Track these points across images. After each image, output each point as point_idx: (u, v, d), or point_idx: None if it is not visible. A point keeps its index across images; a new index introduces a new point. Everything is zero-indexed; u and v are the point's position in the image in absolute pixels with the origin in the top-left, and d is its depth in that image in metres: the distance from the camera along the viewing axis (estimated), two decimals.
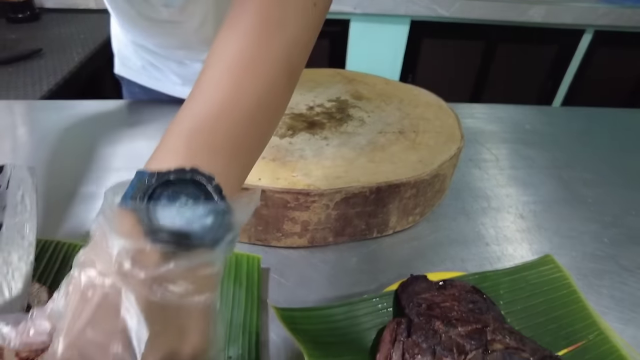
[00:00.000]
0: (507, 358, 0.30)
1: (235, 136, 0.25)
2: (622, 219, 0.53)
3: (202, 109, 0.25)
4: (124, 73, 0.74)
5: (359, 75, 0.66)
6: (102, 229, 0.21)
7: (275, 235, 0.44)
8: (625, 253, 0.48)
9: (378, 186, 0.42)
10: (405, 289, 0.38)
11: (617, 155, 0.66)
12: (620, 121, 0.79)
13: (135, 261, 0.20)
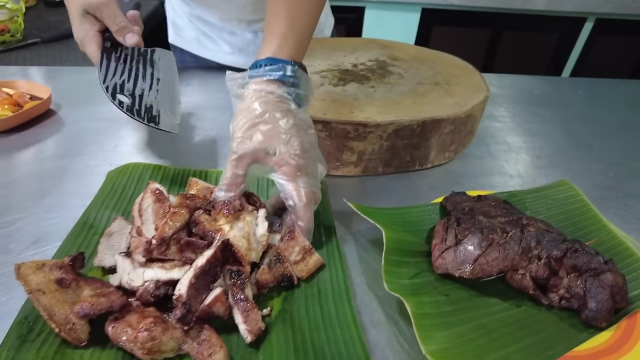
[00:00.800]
0: (540, 236, 0.38)
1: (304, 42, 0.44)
2: (624, 161, 0.61)
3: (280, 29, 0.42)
4: (178, 43, 0.82)
5: (392, 42, 0.74)
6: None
7: (334, 164, 0.53)
8: (629, 184, 0.56)
9: (424, 120, 0.50)
10: (449, 200, 0.46)
11: (619, 114, 0.75)
12: (621, 88, 0.87)
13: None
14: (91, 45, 0.52)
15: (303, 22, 0.44)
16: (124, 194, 0.47)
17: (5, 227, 0.44)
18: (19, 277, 0.32)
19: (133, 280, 0.34)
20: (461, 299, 0.37)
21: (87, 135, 0.60)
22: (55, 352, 0.31)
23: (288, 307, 0.35)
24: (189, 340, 0.31)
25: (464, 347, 0.32)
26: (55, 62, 1.01)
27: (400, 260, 0.39)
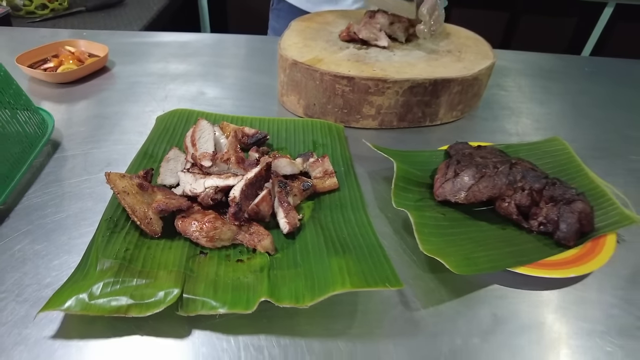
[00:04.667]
0: (525, 171, 0.46)
1: None
2: (620, 129, 0.67)
3: None
4: None
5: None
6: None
7: (354, 117, 0.61)
8: (619, 147, 0.63)
9: (435, 79, 0.58)
10: (452, 147, 0.54)
11: (623, 91, 0.81)
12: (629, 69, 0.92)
13: None
14: None
15: None
16: (175, 132, 0.56)
17: (83, 154, 0.53)
18: (109, 181, 0.41)
19: (195, 189, 0.43)
20: (456, 218, 0.45)
21: (140, 87, 0.69)
22: (137, 240, 0.40)
23: (316, 215, 0.44)
24: (242, 232, 0.40)
25: (454, 249, 0.40)
26: (99, 28, 1.10)
27: (407, 187, 0.47)
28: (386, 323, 0.36)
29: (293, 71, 0.61)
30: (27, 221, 0.44)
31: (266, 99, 0.68)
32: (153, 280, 0.36)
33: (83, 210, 0.45)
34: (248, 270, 0.38)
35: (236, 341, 0.34)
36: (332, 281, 0.35)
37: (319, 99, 0.60)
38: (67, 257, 0.40)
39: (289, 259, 0.39)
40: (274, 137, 0.56)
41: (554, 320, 0.37)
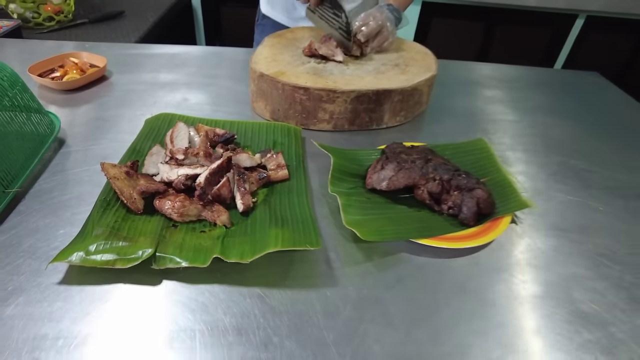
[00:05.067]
0: (437, 165, 0.57)
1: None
2: (547, 133, 0.79)
3: None
4: (271, 14, 1.04)
5: None
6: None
7: (312, 121, 0.72)
8: (543, 146, 0.74)
9: (377, 90, 0.69)
10: (388, 147, 0.65)
11: (559, 100, 0.92)
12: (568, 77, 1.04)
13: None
14: None
15: None
16: (159, 132, 0.67)
17: (84, 150, 0.65)
18: (103, 169, 0.53)
19: (170, 176, 0.54)
20: (378, 202, 0.56)
21: (133, 94, 0.81)
22: (124, 215, 0.51)
23: (268, 199, 0.55)
24: (205, 210, 0.52)
25: (371, 223, 0.52)
26: (100, 39, 1.22)
27: (342, 178, 0.58)
28: (313, 277, 0.47)
29: (260, 82, 0.72)
30: (38, 201, 0.55)
31: (240, 105, 0.79)
32: (134, 243, 0.47)
33: (83, 193, 0.57)
34: (208, 238, 0.49)
35: (196, 288, 0.45)
36: (268, 244, 0.46)
37: (282, 106, 0.72)
38: (70, 229, 0.51)
39: (240, 230, 0.51)
40: (241, 137, 0.68)
41: (446, 280, 0.48)
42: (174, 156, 0.56)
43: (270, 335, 0.41)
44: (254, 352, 0.40)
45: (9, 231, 0.51)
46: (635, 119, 0.87)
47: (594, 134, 0.79)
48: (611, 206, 0.61)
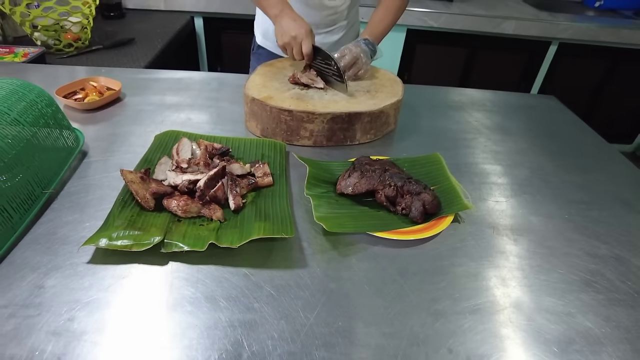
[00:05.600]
0: (393, 174, 0.70)
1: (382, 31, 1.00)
2: (490, 147, 0.92)
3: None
4: (265, 45, 1.17)
5: None
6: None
7: (295, 137, 0.86)
8: (487, 159, 0.87)
9: (349, 113, 0.83)
10: (357, 159, 0.79)
11: (508, 120, 1.06)
12: (525, 100, 1.18)
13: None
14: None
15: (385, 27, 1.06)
16: (167, 146, 0.81)
17: (103, 160, 0.78)
18: (122, 174, 0.66)
19: (176, 181, 0.67)
20: (344, 204, 0.69)
21: (143, 113, 0.95)
22: (138, 211, 0.64)
23: (255, 200, 0.68)
24: (204, 208, 0.64)
25: (337, 219, 0.64)
26: (114, 63, 1.37)
27: (317, 184, 0.71)
28: (289, 260, 0.60)
29: (252, 104, 0.86)
30: (68, 200, 0.68)
31: (235, 124, 0.93)
32: (147, 232, 0.60)
33: (103, 195, 0.70)
34: (206, 230, 0.62)
35: (195, 268, 0.58)
36: (252, 232, 0.59)
37: (270, 125, 0.85)
38: (94, 222, 0.64)
39: (231, 224, 0.63)
40: (235, 150, 0.81)
41: (395, 265, 0.61)
42: (179, 165, 0.69)
43: (252, 302, 0.54)
44: (239, 315, 0.52)
45: (47, 223, 0.63)
46: (578, 138, 1.01)
47: (538, 149, 0.93)
48: (544, 211, 0.74)
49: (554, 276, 0.61)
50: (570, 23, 2.09)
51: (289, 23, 0.91)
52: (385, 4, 1.08)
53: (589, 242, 0.67)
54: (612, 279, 0.61)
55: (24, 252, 0.58)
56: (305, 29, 0.91)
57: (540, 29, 2.09)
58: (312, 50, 0.90)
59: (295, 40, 0.90)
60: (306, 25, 0.91)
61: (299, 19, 0.92)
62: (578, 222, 0.72)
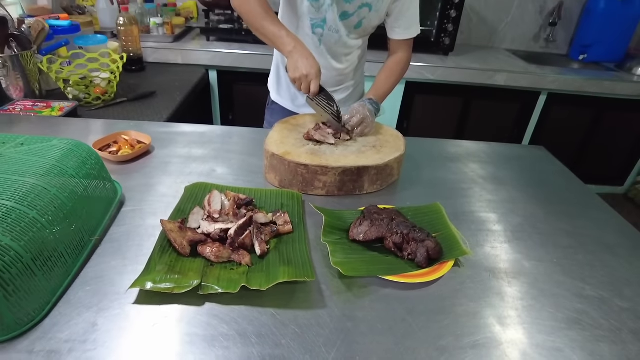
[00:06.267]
0: (400, 223, 0.79)
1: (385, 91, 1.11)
2: (484, 196, 1.02)
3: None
4: (278, 101, 1.30)
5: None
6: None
7: (310, 188, 0.96)
8: (482, 208, 0.97)
9: (358, 167, 0.93)
10: (367, 208, 0.88)
11: (501, 171, 1.16)
12: (515, 151, 1.29)
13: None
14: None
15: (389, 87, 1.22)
16: (197, 197, 0.90)
17: (139, 209, 0.88)
18: (162, 224, 0.75)
19: (209, 230, 0.76)
20: (357, 249, 0.78)
21: (172, 165, 1.05)
22: (176, 257, 0.73)
23: (278, 246, 0.77)
24: (234, 254, 0.73)
25: (351, 264, 0.73)
26: (137, 115, 1.49)
27: (332, 231, 0.80)
28: (310, 301, 0.68)
29: (272, 159, 0.97)
30: (111, 247, 0.77)
31: (255, 175, 1.03)
32: (185, 276, 0.68)
33: (141, 241, 0.78)
34: (236, 274, 0.70)
35: (228, 308, 0.66)
36: (278, 277, 0.67)
37: (288, 177, 0.96)
38: (136, 266, 0.72)
39: (259, 268, 0.72)
40: (258, 200, 0.91)
41: (403, 305, 0.69)
42: (212, 215, 0.79)
43: (280, 339, 0.61)
44: (269, 350, 0.60)
45: (94, 267, 0.72)
46: (565, 186, 1.11)
47: (528, 198, 1.03)
48: (535, 256, 0.82)
49: (544, 315, 0.69)
50: (557, 75, 2.26)
51: (302, 60, 1.01)
52: (389, 67, 1.21)
53: (575, 283, 0.76)
54: (596, 317, 0.69)
55: (77, 293, 0.67)
56: (316, 69, 1.01)
57: (530, 80, 2.25)
58: (319, 89, 1.03)
59: (306, 78, 1.01)
60: (317, 65, 1.02)
61: (311, 57, 1.02)
62: (565, 266, 0.80)
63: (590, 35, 2.58)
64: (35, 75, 1.46)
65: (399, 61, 1.25)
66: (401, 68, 1.24)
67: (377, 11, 1.17)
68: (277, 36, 1.05)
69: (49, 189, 0.69)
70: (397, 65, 1.23)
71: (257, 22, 1.07)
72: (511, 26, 2.73)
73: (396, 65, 1.23)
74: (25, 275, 0.60)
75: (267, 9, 1.08)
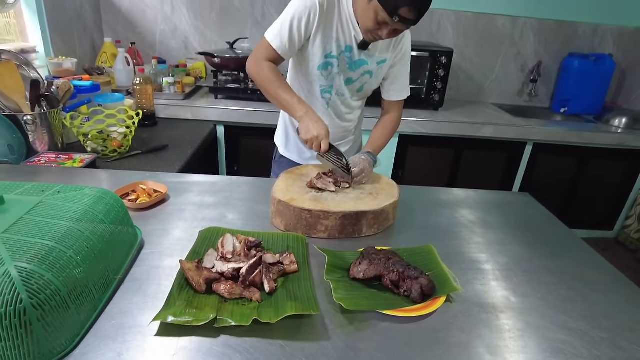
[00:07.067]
0: (395, 262, 0.88)
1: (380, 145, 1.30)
2: (472, 239, 1.11)
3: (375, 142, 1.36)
4: (285, 154, 1.42)
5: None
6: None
7: (313, 231, 1.04)
8: (470, 249, 1.05)
9: (357, 212, 1.03)
10: (365, 249, 0.96)
11: (490, 215, 1.26)
12: (501, 198, 1.39)
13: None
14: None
15: (384, 141, 1.37)
16: (210, 240, 0.99)
17: (158, 252, 0.96)
18: (181, 264, 0.83)
19: (223, 269, 0.84)
20: (358, 286, 0.86)
21: (186, 212, 1.14)
22: (193, 294, 0.80)
23: (285, 284, 0.85)
24: (245, 291, 0.80)
25: (352, 300, 0.80)
26: (151, 167, 1.60)
27: (334, 270, 0.88)
28: (315, 334, 0.74)
29: (278, 205, 1.06)
30: (132, 285, 0.84)
31: (263, 220, 1.12)
32: (202, 311, 0.75)
33: (160, 281, 0.86)
34: (248, 309, 0.77)
35: (241, 339, 0.72)
36: (286, 310, 0.74)
37: (293, 221, 1.05)
38: (155, 302, 0.79)
39: (268, 304, 0.79)
40: (266, 243, 0.99)
41: (400, 337, 0.75)
42: (225, 256, 0.87)
43: None
44: None
45: (118, 303, 0.79)
46: (549, 229, 1.20)
47: (514, 240, 1.11)
48: (521, 292, 0.90)
49: (531, 345, 0.75)
50: (540, 127, 2.42)
51: (312, 124, 1.15)
52: (384, 125, 1.38)
53: (559, 316, 0.83)
54: (578, 347, 0.75)
55: (104, 326, 0.73)
56: (325, 130, 1.15)
57: (516, 132, 2.41)
58: (328, 147, 1.17)
59: (317, 139, 1.15)
60: (325, 127, 1.16)
61: (320, 121, 1.17)
62: (549, 300, 0.87)
63: (569, 91, 2.79)
64: (60, 130, 1.59)
65: (392, 119, 1.43)
66: (394, 125, 1.41)
67: (376, 77, 1.34)
68: (290, 102, 1.20)
69: (83, 231, 0.78)
70: (391, 123, 1.40)
71: (271, 89, 1.22)
72: (496, 83, 2.95)
73: (390, 123, 1.40)
74: (62, 308, 0.67)
75: (279, 77, 1.23)
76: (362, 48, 1.26)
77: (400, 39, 1.31)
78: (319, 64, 1.29)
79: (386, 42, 1.29)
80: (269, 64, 1.24)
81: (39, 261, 0.67)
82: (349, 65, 1.30)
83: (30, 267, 0.65)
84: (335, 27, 1.24)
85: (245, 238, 0.95)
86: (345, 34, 1.25)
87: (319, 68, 1.30)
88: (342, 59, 1.28)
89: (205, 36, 2.80)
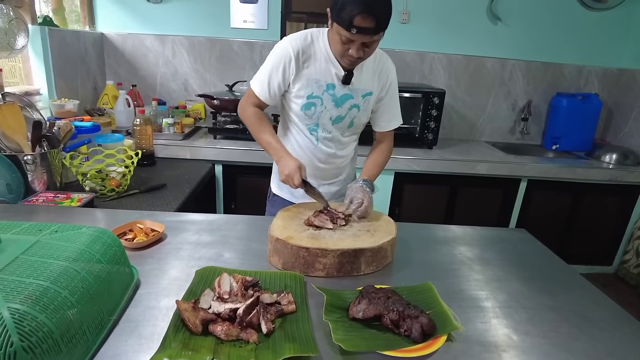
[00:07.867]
0: (395, 301, 0.87)
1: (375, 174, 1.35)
2: (472, 276, 1.10)
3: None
4: (279, 193, 1.43)
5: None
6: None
7: (311, 269, 1.04)
8: (470, 287, 1.04)
9: (355, 249, 1.03)
10: (364, 288, 0.95)
11: (487, 252, 1.26)
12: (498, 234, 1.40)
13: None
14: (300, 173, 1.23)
15: (378, 169, 1.42)
16: (207, 280, 0.98)
17: (154, 292, 0.94)
18: (177, 304, 0.82)
19: (219, 310, 0.83)
20: (357, 326, 0.84)
21: (183, 251, 1.14)
22: (189, 335, 0.78)
23: (282, 324, 0.83)
24: (242, 332, 0.79)
25: (352, 340, 0.78)
26: (149, 205, 1.61)
27: (333, 310, 0.87)
28: None
29: (276, 243, 1.06)
30: (128, 325, 0.82)
31: (260, 259, 1.11)
32: (199, 353, 0.73)
33: (156, 322, 0.84)
34: (244, 351, 0.76)
35: None
36: (284, 352, 0.73)
37: (290, 259, 1.04)
38: (150, 344, 0.77)
39: (265, 345, 0.77)
40: (263, 282, 0.98)
41: None
42: (221, 296, 0.86)
43: None
44: None
45: (113, 345, 0.77)
46: (546, 265, 1.20)
47: (513, 276, 1.11)
48: (522, 329, 0.88)
49: None
50: (534, 164, 2.46)
51: (285, 164, 1.26)
52: (376, 153, 1.47)
53: (560, 354, 0.81)
54: None
55: None
56: (296, 166, 1.24)
57: (509, 169, 2.45)
58: (302, 182, 1.25)
59: (289, 176, 1.24)
60: (297, 163, 1.25)
61: (293, 159, 1.26)
62: (552, 338, 0.86)
63: (559, 128, 2.86)
64: (59, 170, 1.60)
65: (385, 149, 1.49)
66: (387, 154, 1.48)
67: (365, 110, 1.38)
68: (268, 146, 1.34)
69: (79, 271, 0.77)
70: (383, 152, 1.48)
71: (254, 133, 1.38)
72: (488, 121, 3.03)
73: (382, 152, 1.48)
74: (54, 351, 0.66)
75: (262, 122, 1.37)
76: (345, 82, 1.33)
77: (384, 71, 1.38)
78: (302, 105, 1.36)
79: (369, 74, 1.35)
80: (254, 109, 1.37)
81: (33, 302, 0.66)
82: (334, 102, 1.35)
83: (23, 309, 0.64)
84: (314, 69, 1.32)
85: (242, 277, 0.94)
86: (325, 73, 1.33)
87: (302, 109, 1.37)
88: (325, 97, 1.35)
89: (205, 79, 2.89)
